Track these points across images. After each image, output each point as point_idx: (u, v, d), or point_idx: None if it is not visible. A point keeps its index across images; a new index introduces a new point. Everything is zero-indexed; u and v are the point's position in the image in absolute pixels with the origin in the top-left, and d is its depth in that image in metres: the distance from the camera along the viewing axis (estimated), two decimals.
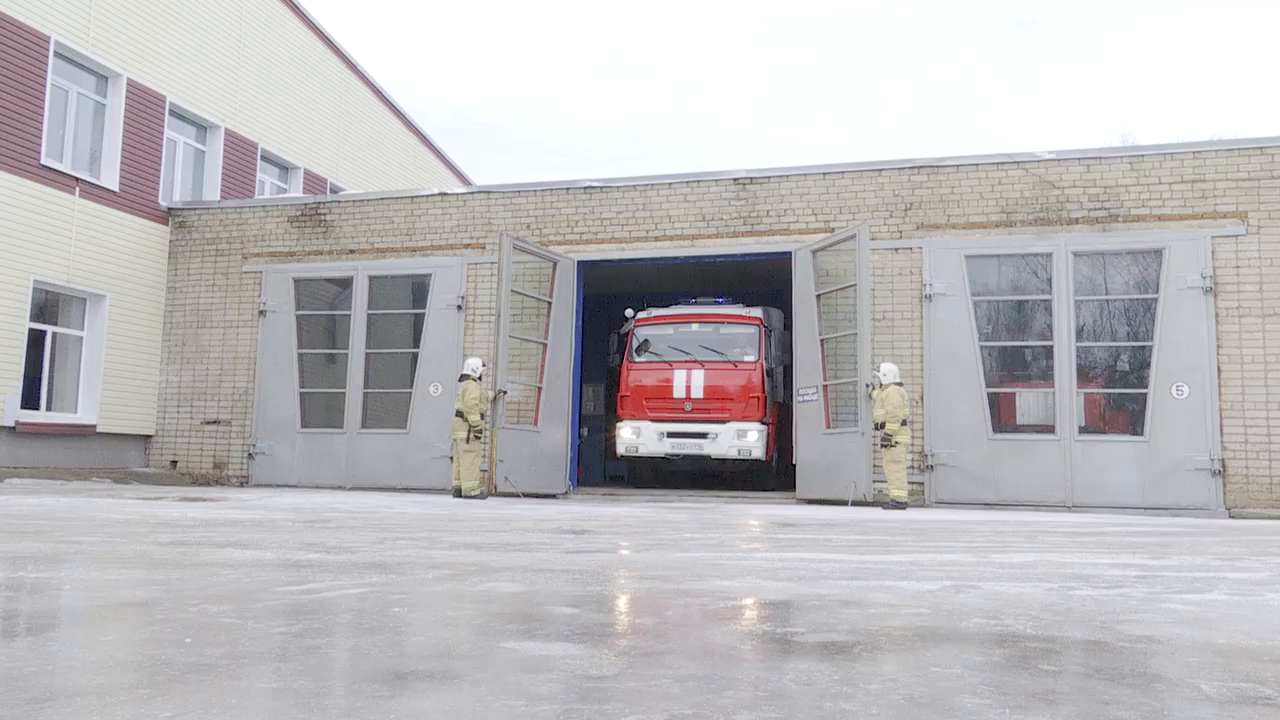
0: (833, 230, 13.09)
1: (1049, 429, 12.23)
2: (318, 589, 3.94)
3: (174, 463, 15.54)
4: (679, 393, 13.89)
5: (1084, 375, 12.38)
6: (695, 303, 14.99)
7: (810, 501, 12.50)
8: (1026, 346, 12.88)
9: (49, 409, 14.43)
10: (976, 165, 12.87)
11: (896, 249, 12.94)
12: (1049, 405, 12.33)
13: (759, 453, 13.64)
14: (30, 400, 13.98)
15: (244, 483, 14.99)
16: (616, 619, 3.49)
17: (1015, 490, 12.09)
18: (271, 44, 18.58)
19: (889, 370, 11.88)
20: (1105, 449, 11.99)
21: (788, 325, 14.38)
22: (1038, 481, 12.04)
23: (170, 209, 16.12)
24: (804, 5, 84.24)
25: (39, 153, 13.85)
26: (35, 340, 14.10)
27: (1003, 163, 12.78)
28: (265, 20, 18.46)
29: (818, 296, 12.95)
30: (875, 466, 11.96)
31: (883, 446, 11.76)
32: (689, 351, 14.19)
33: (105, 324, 14.99)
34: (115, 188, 15.10)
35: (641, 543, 6.50)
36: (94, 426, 14.76)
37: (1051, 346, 12.30)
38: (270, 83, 18.49)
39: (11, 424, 13.39)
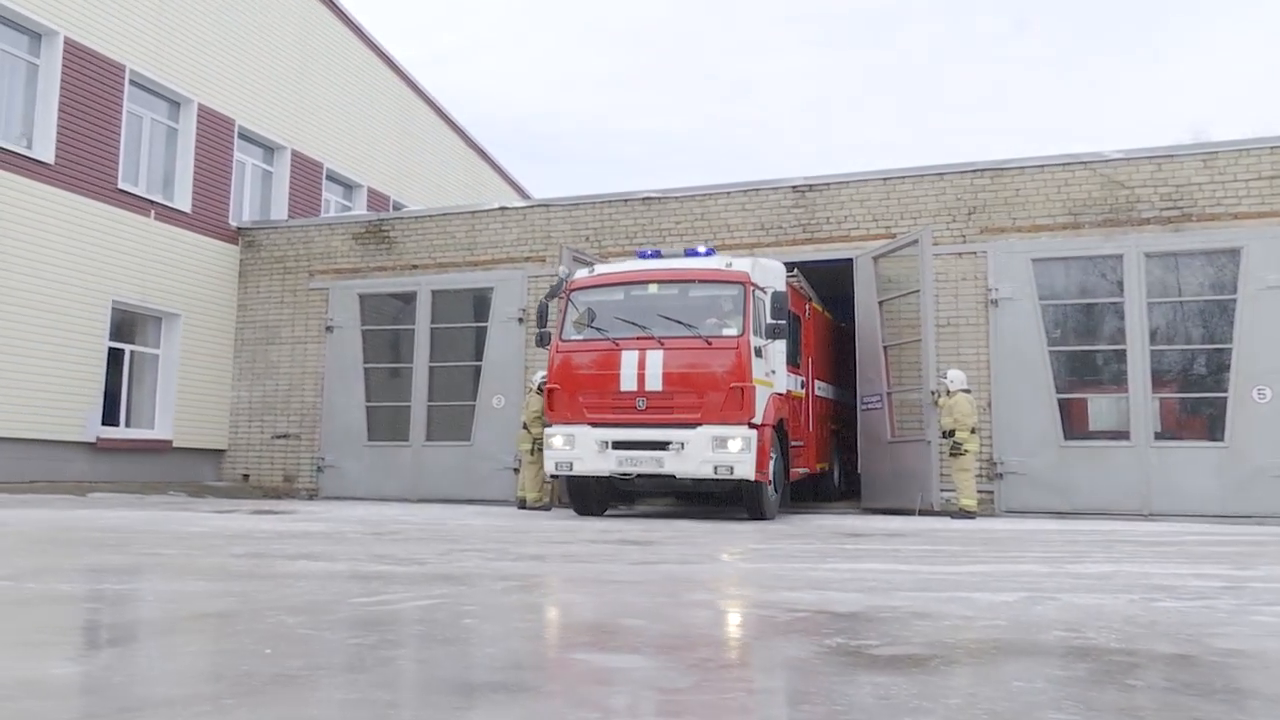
0: (894, 236, 12.92)
1: (1123, 435, 11.89)
2: (389, 600, 3.99)
3: (246, 476, 15.92)
4: (628, 384, 9.98)
5: (1159, 379, 12.01)
6: (657, 256, 11.31)
7: (875, 511, 12.33)
8: (1098, 351, 12.55)
9: (127, 425, 14.89)
10: (1041, 166, 12.60)
11: (960, 253, 12.72)
12: (1122, 411, 11.99)
13: (745, 470, 9.68)
14: (110, 417, 14.45)
15: (313, 495, 15.29)
16: (686, 631, 3.47)
17: (1088, 498, 11.77)
18: (335, 66, 19.02)
19: (956, 377, 11.68)
20: (1183, 455, 11.61)
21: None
22: (1112, 489, 11.70)
23: (240, 229, 16.56)
24: (850, 7, 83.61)
25: (116, 177, 14.35)
26: (114, 358, 14.58)
27: (1069, 163, 12.49)
28: (329, 43, 18.91)
29: (880, 303, 12.78)
30: (942, 475, 11.74)
31: (951, 455, 11.56)
32: (644, 324, 10.17)
33: (179, 342, 15.44)
34: (188, 209, 15.58)
35: (706, 553, 6.46)
36: (170, 442, 15.19)
37: (1124, 350, 11.96)
38: (334, 104, 18.92)
39: (93, 440, 13.87)
